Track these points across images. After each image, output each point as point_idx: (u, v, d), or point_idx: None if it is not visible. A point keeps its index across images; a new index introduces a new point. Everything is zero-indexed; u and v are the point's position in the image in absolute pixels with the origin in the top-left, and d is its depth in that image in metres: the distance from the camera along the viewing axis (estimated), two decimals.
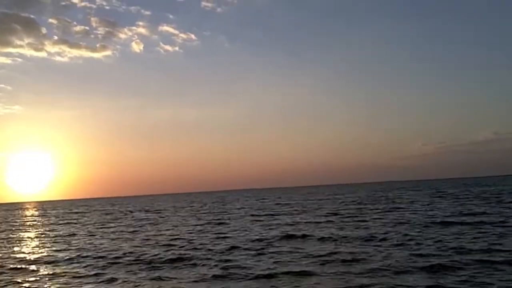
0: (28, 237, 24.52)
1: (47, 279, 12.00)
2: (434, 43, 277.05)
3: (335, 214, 28.23)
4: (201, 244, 16.98)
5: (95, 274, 12.19)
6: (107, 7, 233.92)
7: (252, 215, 32.06)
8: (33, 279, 12.06)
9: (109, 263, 13.89)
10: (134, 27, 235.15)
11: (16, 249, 19.01)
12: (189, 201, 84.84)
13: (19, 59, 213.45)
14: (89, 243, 19.48)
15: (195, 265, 12.81)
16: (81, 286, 10.94)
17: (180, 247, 16.39)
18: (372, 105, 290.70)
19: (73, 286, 10.98)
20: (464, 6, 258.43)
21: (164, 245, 17.37)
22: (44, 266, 14.07)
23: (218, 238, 18.88)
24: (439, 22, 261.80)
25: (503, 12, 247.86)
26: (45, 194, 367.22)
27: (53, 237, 23.79)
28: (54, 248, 18.37)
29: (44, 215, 55.03)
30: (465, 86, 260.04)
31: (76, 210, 65.74)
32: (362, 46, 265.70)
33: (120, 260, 14.15)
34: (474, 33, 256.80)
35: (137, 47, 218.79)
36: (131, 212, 49.93)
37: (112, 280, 11.35)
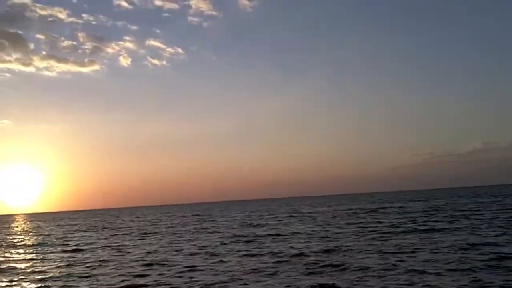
0: None
1: None
2: (423, 55, 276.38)
3: None
4: None
5: None
6: (94, 22, 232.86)
7: None
8: None
9: None
10: (121, 42, 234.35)
11: None
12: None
13: (7, 74, 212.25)
14: None
15: None
16: None
17: None
18: (362, 116, 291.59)
19: None
20: (453, 16, 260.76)
21: None
22: None
23: None
24: (428, 33, 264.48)
25: (494, 22, 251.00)
26: (34, 207, 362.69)
27: None
28: None
29: None
30: (455, 97, 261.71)
31: None
32: (352, 59, 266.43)
33: None
34: (463, 44, 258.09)
35: (124, 61, 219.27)
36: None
37: None
